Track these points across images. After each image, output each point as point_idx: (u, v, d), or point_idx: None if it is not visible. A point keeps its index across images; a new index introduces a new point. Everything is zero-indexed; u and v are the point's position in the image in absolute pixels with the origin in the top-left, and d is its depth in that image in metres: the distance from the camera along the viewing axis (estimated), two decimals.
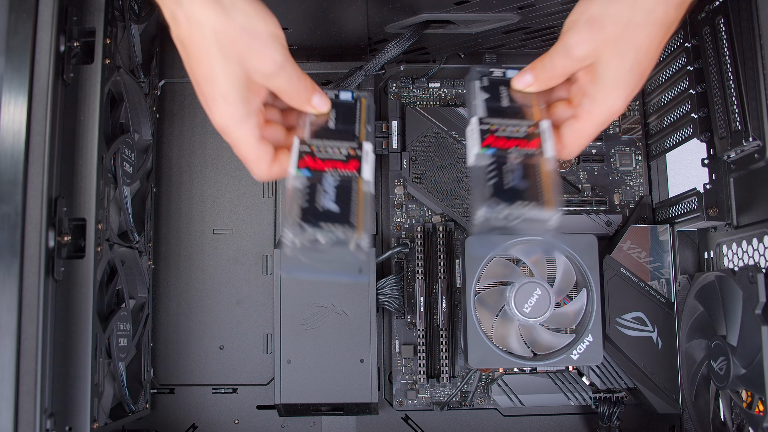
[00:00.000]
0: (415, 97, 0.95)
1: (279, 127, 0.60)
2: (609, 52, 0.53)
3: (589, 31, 0.53)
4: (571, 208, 0.92)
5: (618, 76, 0.54)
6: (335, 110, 0.62)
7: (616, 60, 0.54)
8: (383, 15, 0.81)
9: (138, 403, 0.83)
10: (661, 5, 0.52)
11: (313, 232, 0.54)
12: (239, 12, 0.51)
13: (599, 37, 0.53)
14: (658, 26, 0.53)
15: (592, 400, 0.86)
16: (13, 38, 0.60)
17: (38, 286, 0.58)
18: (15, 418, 0.56)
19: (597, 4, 0.53)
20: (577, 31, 0.54)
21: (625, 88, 0.55)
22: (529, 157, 0.57)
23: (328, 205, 0.55)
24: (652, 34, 0.53)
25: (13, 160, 0.58)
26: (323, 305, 0.85)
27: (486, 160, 0.57)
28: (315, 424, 0.91)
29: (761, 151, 0.69)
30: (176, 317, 0.92)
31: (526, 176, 0.56)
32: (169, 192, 0.95)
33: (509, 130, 0.58)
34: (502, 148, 0.57)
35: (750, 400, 0.70)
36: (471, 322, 0.80)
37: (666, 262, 0.86)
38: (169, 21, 0.53)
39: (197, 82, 0.54)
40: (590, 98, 0.56)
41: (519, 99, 0.60)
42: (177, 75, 0.96)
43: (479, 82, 0.62)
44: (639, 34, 0.53)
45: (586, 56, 0.54)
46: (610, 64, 0.54)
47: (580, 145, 0.59)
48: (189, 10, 0.51)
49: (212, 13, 0.51)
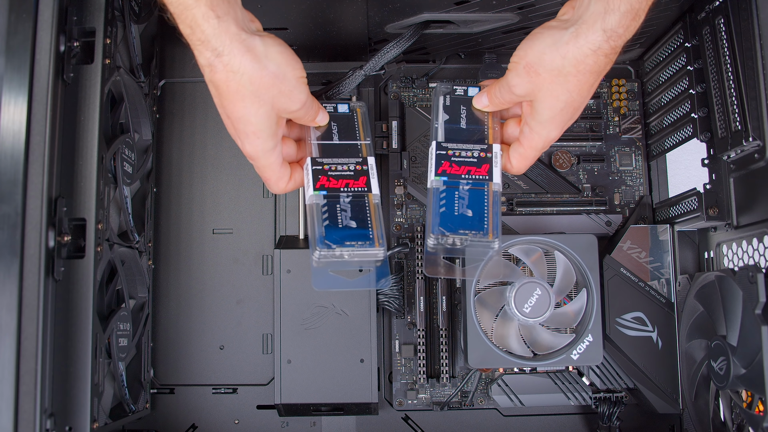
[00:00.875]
0: (415, 97, 0.95)
1: (290, 142, 0.67)
2: (544, 94, 0.60)
3: (527, 75, 0.60)
4: (571, 208, 0.92)
5: (552, 114, 0.61)
6: (336, 123, 0.70)
7: (550, 101, 0.60)
8: (383, 15, 0.81)
9: (138, 403, 0.83)
10: (591, 56, 0.57)
11: (339, 250, 0.63)
12: (272, 61, 0.58)
13: (535, 82, 0.60)
14: (588, 73, 0.58)
15: (592, 400, 0.86)
16: (13, 38, 0.60)
17: (38, 286, 0.58)
18: (15, 418, 0.56)
19: (533, 52, 0.59)
20: (516, 74, 0.61)
21: (558, 123, 0.62)
22: (477, 185, 0.65)
23: (347, 222, 0.64)
24: (582, 81, 0.59)
25: (13, 160, 0.58)
26: (323, 305, 0.85)
27: (441, 186, 0.65)
28: (315, 424, 0.91)
29: (761, 151, 0.69)
30: (176, 317, 0.92)
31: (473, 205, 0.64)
32: (169, 192, 0.95)
33: (463, 155, 0.66)
34: (455, 173, 0.65)
35: (750, 400, 0.70)
36: (471, 322, 0.80)
37: (666, 262, 0.86)
38: (204, 66, 0.57)
39: (230, 120, 0.61)
40: (530, 128, 0.63)
41: (477, 117, 0.68)
42: (177, 75, 0.96)
43: (442, 100, 0.69)
44: (570, 81, 0.58)
45: (525, 95, 0.62)
46: (545, 104, 0.61)
47: (524, 166, 0.67)
48: (228, 61, 0.56)
49: (249, 64, 0.56)
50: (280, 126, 0.63)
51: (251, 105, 0.58)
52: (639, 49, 0.94)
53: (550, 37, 0.58)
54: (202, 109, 0.96)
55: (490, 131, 0.67)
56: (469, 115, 0.68)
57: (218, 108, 0.61)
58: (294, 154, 0.67)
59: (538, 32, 0.60)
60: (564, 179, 0.93)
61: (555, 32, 0.58)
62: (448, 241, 0.63)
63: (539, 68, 0.59)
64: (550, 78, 0.59)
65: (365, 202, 0.65)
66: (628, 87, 0.95)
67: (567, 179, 0.93)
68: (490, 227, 0.63)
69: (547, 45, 0.58)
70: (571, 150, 0.94)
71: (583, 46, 0.56)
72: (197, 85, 0.96)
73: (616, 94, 0.95)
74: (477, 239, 0.63)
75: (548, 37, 0.58)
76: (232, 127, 0.61)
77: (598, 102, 0.95)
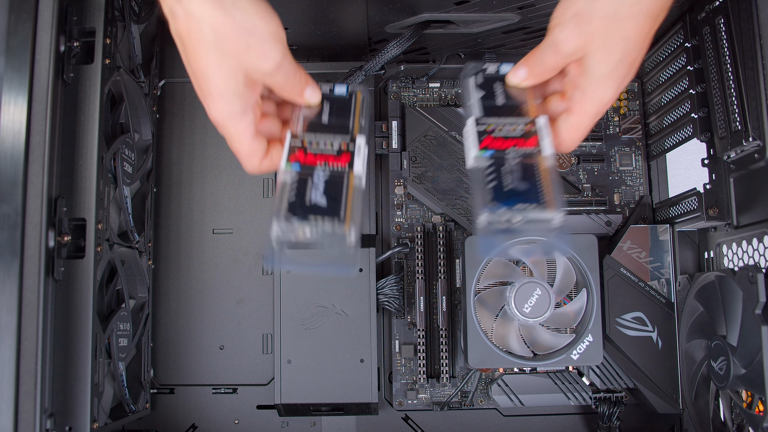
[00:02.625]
0: (415, 97, 0.95)
1: (274, 120, 0.60)
2: (597, 45, 0.53)
3: (576, 26, 0.53)
4: (571, 208, 0.92)
5: (607, 69, 0.54)
6: (330, 104, 0.61)
7: (604, 53, 0.54)
8: (383, 15, 0.81)
9: (138, 403, 0.83)
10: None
11: (300, 224, 0.54)
12: (239, 10, 0.51)
13: (587, 32, 0.53)
14: (645, 17, 0.53)
15: (592, 400, 0.86)
16: (13, 38, 0.60)
17: (38, 286, 0.58)
18: (15, 418, 0.56)
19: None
20: (564, 26, 0.54)
21: (615, 80, 0.55)
22: (527, 156, 0.57)
23: (316, 198, 0.55)
24: (639, 25, 0.53)
25: (13, 160, 0.58)
26: (323, 305, 0.85)
27: (485, 163, 0.57)
28: (315, 424, 0.91)
29: (761, 151, 0.69)
30: (176, 317, 0.92)
31: (526, 177, 0.56)
32: (169, 192, 0.95)
33: (506, 130, 0.58)
34: (499, 149, 0.57)
35: (750, 400, 0.70)
36: (471, 322, 0.80)
37: (666, 262, 0.86)
38: (167, 16, 0.53)
39: (194, 76, 0.55)
40: (581, 91, 0.56)
41: (514, 95, 0.60)
42: (177, 75, 0.96)
43: (474, 79, 0.62)
44: (626, 26, 0.53)
45: (574, 51, 0.54)
46: (598, 58, 0.54)
47: (577, 138, 0.59)
48: (188, 6, 0.51)
49: (211, 10, 0.51)
50: (251, 89, 0.55)
51: (213, 58, 0.52)
52: None
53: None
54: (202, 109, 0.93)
55: (530, 104, 0.59)
56: (506, 92, 0.61)
57: (186, 67, 0.55)
58: (277, 132, 0.60)
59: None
60: (564, 179, 0.93)
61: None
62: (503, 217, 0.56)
63: (591, 14, 0.52)
64: (604, 25, 0.52)
65: (344, 181, 0.57)
66: (628, 87, 0.95)
67: (567, 179, 0.93)
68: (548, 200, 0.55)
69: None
70: None
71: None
72: None
73: None
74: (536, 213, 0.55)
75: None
76: (197, 86, 0.55)
77: None
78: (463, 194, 0.90)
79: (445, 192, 0.90)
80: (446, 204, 0.90)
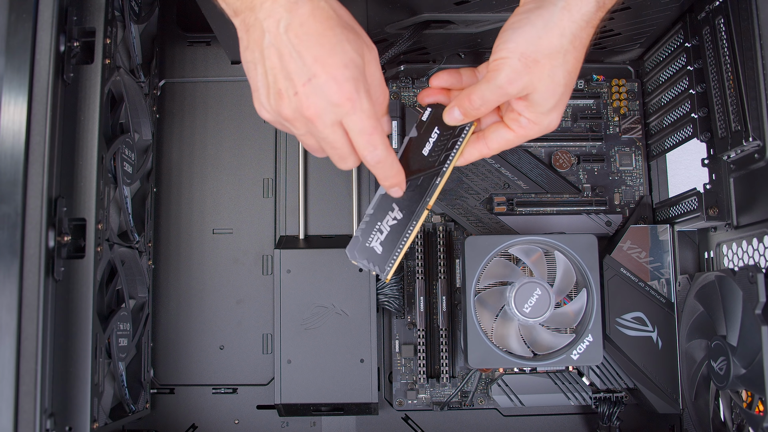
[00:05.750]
0: (415, 97, 0.95)
1: None
2: (544, 84, 0.55)
3: (523, 68, 0.54)
4: (571, 208, 0.92)
5: (555, 101, 0.57)
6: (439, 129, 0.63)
7: (551, 89, 0.56)
8: (383, 15, 0.81)
9: (138, 403, 0.83)
10: (585, 29, 0.54)
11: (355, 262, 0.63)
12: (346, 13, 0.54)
13: (533, 72, 0.54)
14: (583, 47, 0.55)
15: (592, 400, 0.86)
16: (13, 38, 0.60)
17: (38, 286, 0.58)
18: (15, 418, 0.56)
19: (524, 40, 0.54)
20: (509, 69, 0.54)
21: (560, 108, 0.58)
22: None
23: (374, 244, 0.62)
24: (578, 57, 0.55)
25: (13, 160, 0.58)
26: (323, 305, 0.85)
27: None
28: (315, 424, 0.91)
29: (761, 151, 0.69)
30: (176, 317, 0.92)
31: None
32: (169, 192, 0.95)
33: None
34: None
35: (750, 400, 0.70)
36: (471, 322, 0.80)
37: (666, 262, 0.86)
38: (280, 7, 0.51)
39: (318, 60, 0.51)
40: (527, 120, 0.58)
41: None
42: (177, 75, 0.96)
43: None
44: (569, 60, 0.55)
45: (520, 92, 0.56)
46: (545, 94, 0.56)
47: (503, 149, 0.62)
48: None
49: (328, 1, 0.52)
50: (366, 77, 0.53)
51: (342, 32, 0.51)
52: (639, 49, 0.94)
53: (539, 18, 0.54)
54: (202, 109, 0.96)
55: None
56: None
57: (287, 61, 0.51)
58: None
59: (517, 20, 0.55)
60: (564, 179, 0.93)
61: (541, 12, 0.54)
62: None
63: (537, 55, 0.54)
64: (551, 62, 0.54)
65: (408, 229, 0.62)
66: (628, 87, 0.95)
67: (567, 179, 0.93)
68: None
69: (540, 28, 0.53)
70: (571, 150, 0.94)
71: (578, 18, 0.53)
72: (197, 85, 0.96)
73: (616, 94, 0.95)
74: None
75: (536, 18, 0.54)
76: (318, 73, 0.51)
77: (598, 102, 0.95)
78: (463, 194, 0.90)
79: (445, 192, 0.90)
80: (446, 204, 0.90)
